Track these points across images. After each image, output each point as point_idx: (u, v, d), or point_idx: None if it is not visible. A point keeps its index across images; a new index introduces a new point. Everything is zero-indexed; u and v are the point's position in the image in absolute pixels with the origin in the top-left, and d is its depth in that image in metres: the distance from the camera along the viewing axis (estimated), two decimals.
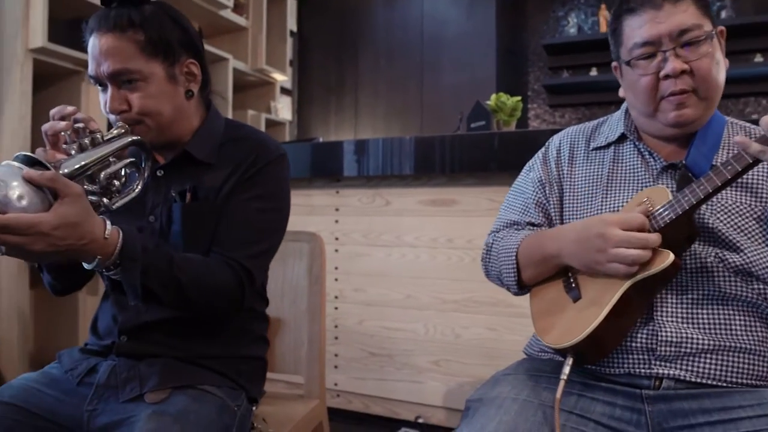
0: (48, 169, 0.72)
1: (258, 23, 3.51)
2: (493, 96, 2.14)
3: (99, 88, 0.95)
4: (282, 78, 3.76)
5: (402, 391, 2.18)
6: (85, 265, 0.80)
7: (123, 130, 0.88)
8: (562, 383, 0.81)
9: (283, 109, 4.11)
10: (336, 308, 2.24)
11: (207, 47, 2.66)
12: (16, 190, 0.68)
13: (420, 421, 2.13)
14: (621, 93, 1.04)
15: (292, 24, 4.28)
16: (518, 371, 0.93)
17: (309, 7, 5.04)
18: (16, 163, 0.71)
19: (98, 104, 2.55)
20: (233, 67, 3.30)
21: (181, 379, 0.91)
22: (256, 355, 1.06)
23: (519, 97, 2.12)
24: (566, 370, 0.83)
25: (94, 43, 0.91)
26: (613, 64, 1.05)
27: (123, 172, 0.89)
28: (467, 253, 2.08)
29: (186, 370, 0.93)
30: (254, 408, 1.03)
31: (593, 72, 4.40)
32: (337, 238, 2.25)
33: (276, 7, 3.74)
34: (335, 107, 4.94)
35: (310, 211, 2.29)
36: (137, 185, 0.90)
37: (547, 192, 1.05)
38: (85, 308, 2.50)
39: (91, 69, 0.92)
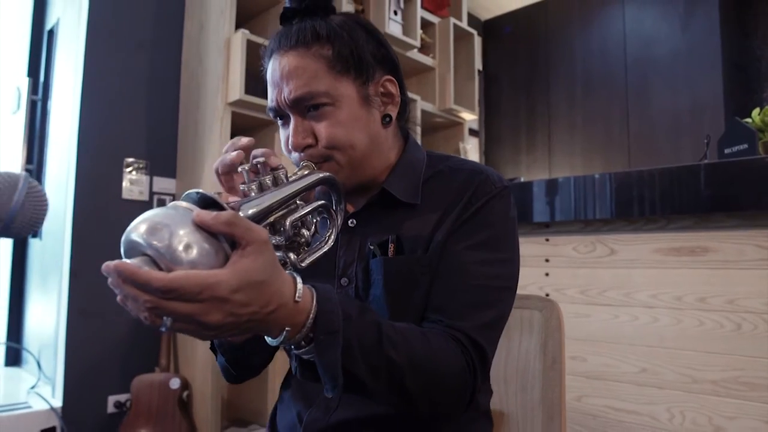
0: (224, 208, 0.53)
1: (445, 63, 3.37)
2: (756, 111, 1.65)
3: (279, 122, 0.79)
4: (471, 117, 3.56)
5: None
6: (269, 341, 0.59)
7: (307, 171, 0.69)
8: None
9: (472, 150, 3.90)
10: None
11: None
12: (184, 238, 0.49)
13: None
14: None
15: (477, 62, 4.10)
16: None
17: (494, 43, 4.84)
18: (184, 204, 0.53)
19: None
20: (421, 108, 3.18)
21: None
22: None
23: None
24: None
25: (273, 67, 0.76)
26: None
27: (311, 220, 0.69)
28: (728, 318, 1.58)
29: None
30: None
31: None
32: (547, 295, 1.89)
33: (463, 45, 3.59)
34: (526, 146, 4.61)
35: None
36: (329, 235, 0.70)
37: None
38: (273, 364, 2.44)
39: (271, 98, 0.77)
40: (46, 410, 2.22)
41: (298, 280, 0.57)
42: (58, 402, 2.26)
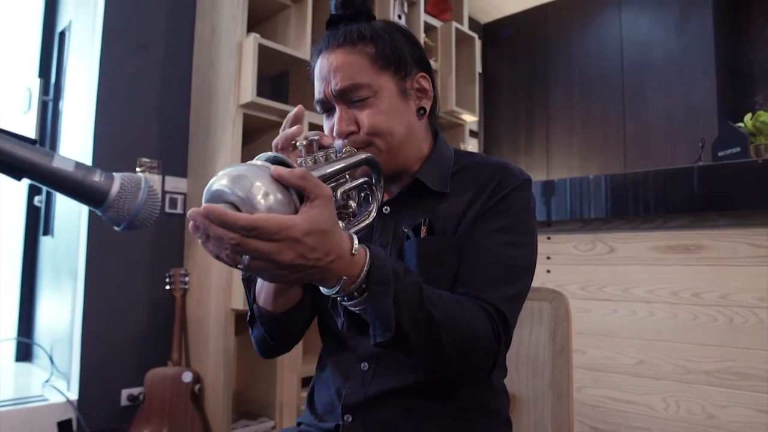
0: (292, 167, 0.61)
1: (447, 65, 3.45)
2: (748, 116, 1.74)
3: (324, 115, 0.87)
4: (471, 119, 3.64)
5: None
6: (324, 291, 0.66)
7: (350, 154, 0.77)
8: None
9: (472, 151, 3.98)
10: None
11: None
12: (262, 188, 0.57)
13: None
14: None
15: (477, 65, 4.19)
16: None
17: (494, 47, 4.93)
18: (260, 162, 0.61)
19: None
20: None
21: None
22: None
23: None
24: None
25: (322, 63, 0.84)
26: None
27: (356, 195, 0.77)
28: (721, 312, 1.67)
29: None
30: None
31: None
32: None
33: (464, 48, 3.67)
34: (524, 147, 4.69)
35: None
36: (371, 210, 0.78)
37: None
38: (283, 358, 2.52)
39: (318, 91, 0.85)
40: (63, 403, 2.28)
41: (354, 236, 0.64)
42: (73, 395, 2.33)
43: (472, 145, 4.05)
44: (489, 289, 0.76)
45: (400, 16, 3.16)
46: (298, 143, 0.72)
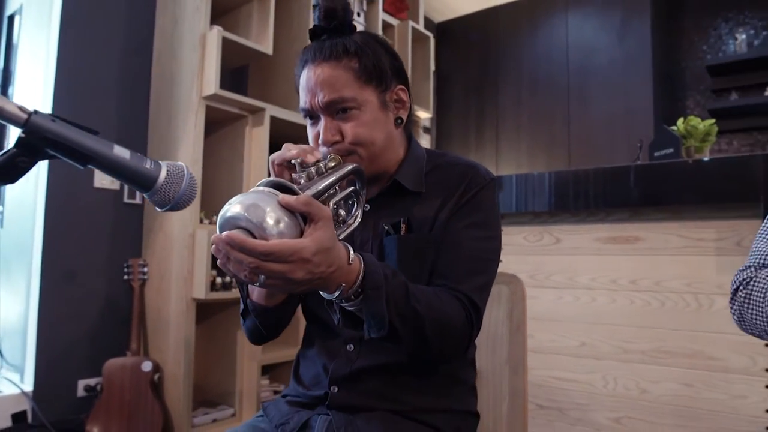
0: (296, 193, 0.69)
1: (404, 63, 3.54)
2: (681, 121, 1.91)
3: (309, 121, 0.93)
4: (425, 116, 3.76)
5: None
6: (325, 296, 0.75)
7: (334, 162, 0.84)
8: None
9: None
10: None
11: None
12: (273, 214, 0.65)
13: None
14: None
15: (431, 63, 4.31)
16: None
17: (448, 45, 5.06)
18: (267, 189, 0.68)
19: (262, 147, 2.66)
20: None
21: None
22: (471, 411, 0.97)
23: (713, 120, 1.88)
24: None
25: (308, 75, 0.90)
26: None
27: (344, 203, 0.85)
28: (655, 297, 1.84)
29: (408, 426, 0.86)
30: None
31: None
32: None
33: (420, 47, 3.78)
34: (475, 143, 4.86)
35: None
36: (358, 214, 0.85)
37: None
38: (243, 348, 2.58)
39: (304, 101, 0.91)
40: (17, 394, 2.26)
41: (349, 247, 0.73)
42: (28, 386, 2.30)
43: (425, 141, 4.17)
44: (462, 280, 0.87)
45: (359, 14, 3.24)
46: (293, 161, 0.80)
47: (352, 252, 0.73)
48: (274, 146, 2.80)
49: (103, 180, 2.51)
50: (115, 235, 2.57)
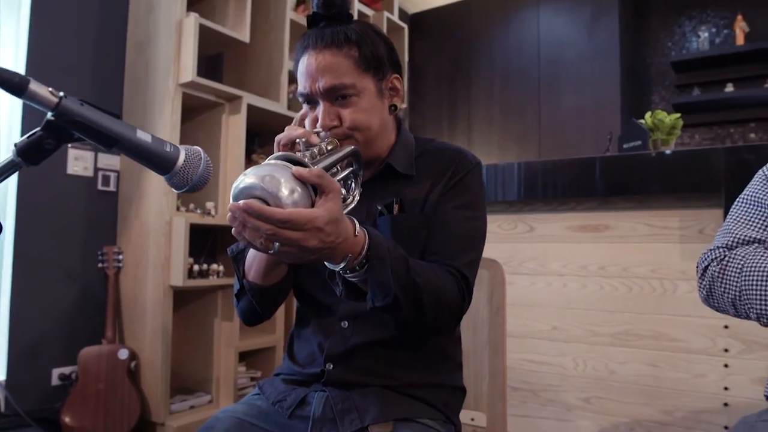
0: (308, 166, 0.71)
1: None
2: (648, 114, 2.00)
3: (307, 105, 0.96)
4: (401, 107, 3.80)
5: (547, 429, 2.04)
6: (330, 266, 0.78)
7: (332, 146, 0.87)
8: None
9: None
10: None
11: None
12: (288, 184, 0.67)
13: None
14: None
15: (405, 54, 4.34)
16: None
17: (421, 36, 5.10)
18: (279, 162, 0.71)
19: (238, 135, 2.67)
20: None
21: (400, 411, 0.88)
22: (459, 386, 1.02)
23: (678, 115, 1.97)
24: None
25: (309, 61, 0.92)
26: None
27: (344, 182, 0.89)
28: (622, 282, 1.93)
29: (400, 400, 0.90)
30: None
31: (729, 88, 4.09)
32: None
33: (394, 38, 3.81)
34: (447, 135, 4.92)
35: None
36: (356, 194, 0.89)
37: None
38: (220, 333, 2.59)
39: (303, 86, 0.93)
40: None
41: (355, 220, 0.77)
42: (1, 376, 2.28)
43: None
44: (454, 256, 0.91)
45: None
46: (298, 141, 0.82)
47: (357, 225, 0.76)
48: (251, 134, 2.82)
49: (75, 167, 2.48)
50: (88, 223, 2.55)
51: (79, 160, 2.48)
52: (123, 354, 2.37)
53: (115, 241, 2.62)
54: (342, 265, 0.76)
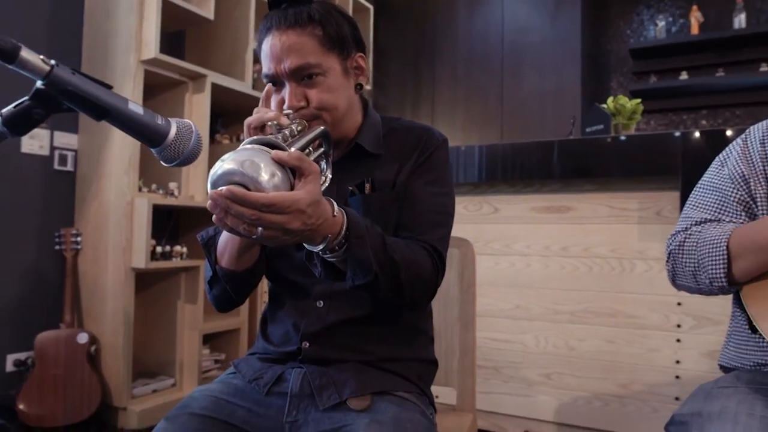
0: (286, 150, 0.71)
1: None
2: (611, 99, 2.06)
3: (273, 87, 0.94)
4: (365, 88, 3.78)
5: (509, 405, 2.11)
6: (309, 247, 0.78)
7: (301, 127, 0.87)
8: None
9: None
10: None
11: None
12: (268, 169, 0.66)
13: None
14: None
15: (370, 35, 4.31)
16: (737, 384, 0.86)
17: (386, 18, 5.07)
18: (257, 146, 0.70)
19: (202, 114, 2.60)
20: None
21: (377, 384, 0.89)
22: (431, 359, 1.04)
23: (639, 100, 2.04)
24: None
25: (273, 42, 0.90)
26: None
27: (317, 162, 0.88)
28: (583, 262, 2.00)
29: (377, 375, 0.92)
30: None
31: (683, 76, 4.23)
32: None
33: (360, 19, 3.77)
34: (411, 117, 4.92)
35: None
36: (327, 174, 0.89)
37: (752, 188, 0.97)
38: (183, 316, 2.55)
39: (268, 68, 0.92)
40: None
41: (333, 201, 0.77)
42: None
43: None
44: (426, 231, 0.93)
45: None
46: (269, 123, 0.81)
47: (335, 205, 0.76)
48: (214, 115, 2.76)
49: (31, 146, 2.39)
50: (45, 204, 2.46)
51: (34, 139, 2.38)
52: (82, 338, 2.31)
53: (72, 222, 2.54)
54: (321, 246, 0.76)
